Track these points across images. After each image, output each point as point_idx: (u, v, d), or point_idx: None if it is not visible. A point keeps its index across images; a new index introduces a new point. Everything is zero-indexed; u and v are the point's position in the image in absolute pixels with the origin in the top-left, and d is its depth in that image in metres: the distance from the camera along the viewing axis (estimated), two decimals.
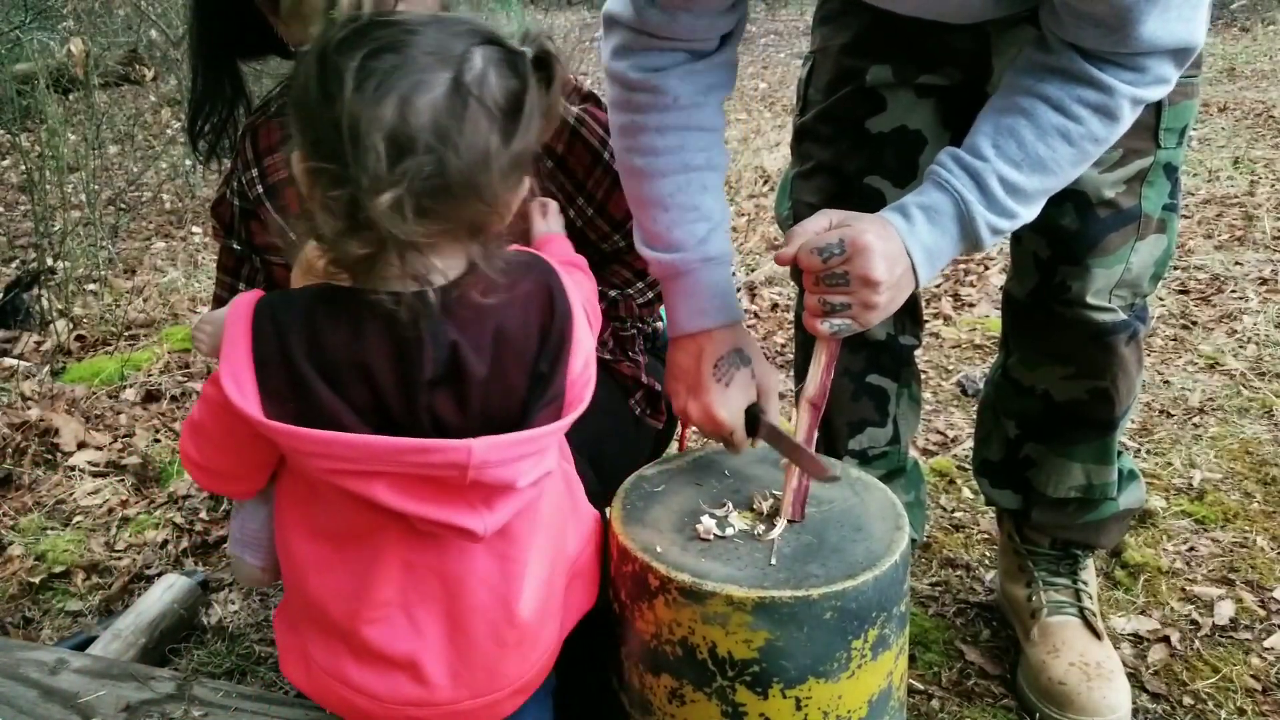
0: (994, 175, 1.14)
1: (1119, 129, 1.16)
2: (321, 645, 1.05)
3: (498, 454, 0.93)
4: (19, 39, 4.11)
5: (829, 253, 1.12)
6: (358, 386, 0.92)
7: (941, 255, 1.17)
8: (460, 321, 0.94)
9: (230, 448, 1.01)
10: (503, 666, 1.07)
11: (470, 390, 0.95)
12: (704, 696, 1.10)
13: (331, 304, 0.93)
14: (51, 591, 1.93)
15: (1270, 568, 1.82)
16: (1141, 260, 1.40)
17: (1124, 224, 1.36)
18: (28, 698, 1.13)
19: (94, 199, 3.77)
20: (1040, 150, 1.14)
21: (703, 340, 1.28)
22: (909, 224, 1.15)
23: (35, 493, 2.25)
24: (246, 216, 1.42)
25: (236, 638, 1.76)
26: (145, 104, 5.77)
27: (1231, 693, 1.54)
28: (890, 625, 1.12)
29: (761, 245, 3.70)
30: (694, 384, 1.28)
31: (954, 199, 1.15)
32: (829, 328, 1.16)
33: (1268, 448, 2.21)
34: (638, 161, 1.29)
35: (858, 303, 1.14)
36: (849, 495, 1.24)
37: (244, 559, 1.15)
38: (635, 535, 1.15)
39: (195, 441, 1.03)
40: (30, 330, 3.06)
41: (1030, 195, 1.17)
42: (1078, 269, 1.38)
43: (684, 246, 1.27)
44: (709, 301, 1.29)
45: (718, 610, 1.06)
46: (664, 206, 1.28)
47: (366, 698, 1.04)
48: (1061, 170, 1.17)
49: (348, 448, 0.90)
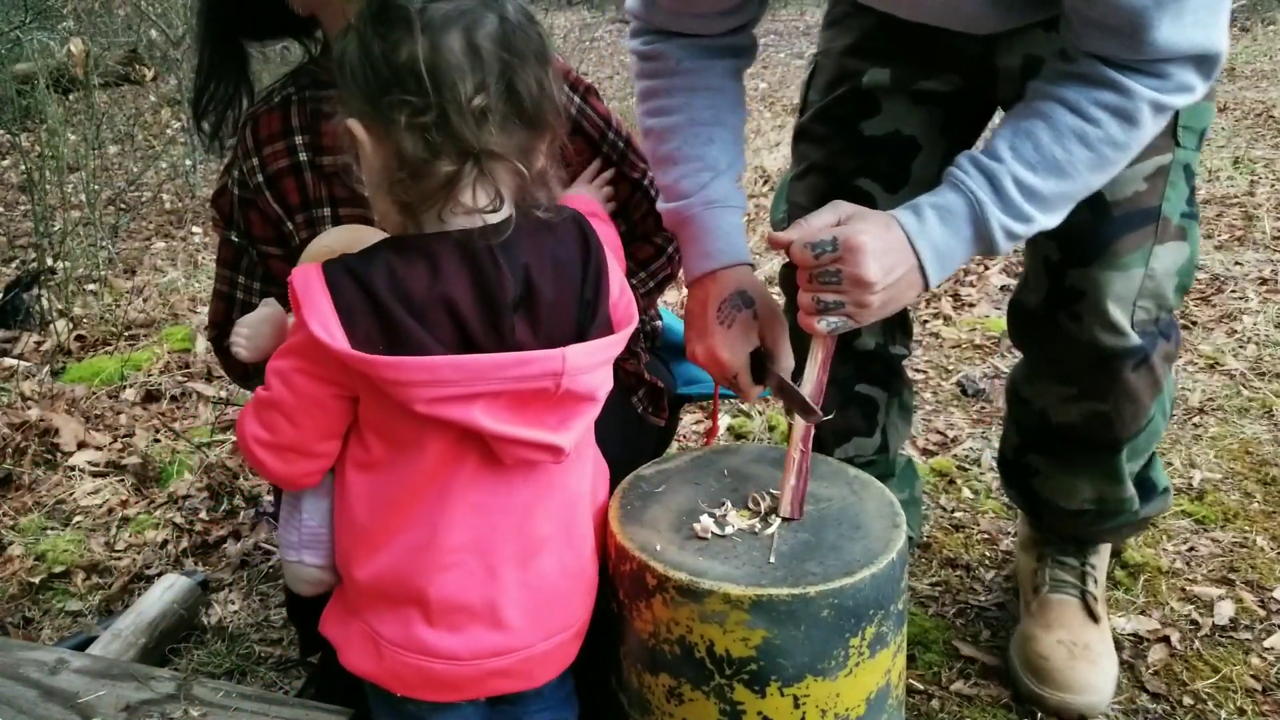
0: (1009, 177, 1.14)
1: (1139, 135, 1.15)
2: (391, 618, 1.07)
3: (586, 359, 1.02)
4: (19, 39, 4.12)
5: (821, 249, 1.12)
6: (442, 322, 0.99)
7: (954, 256, 1.17)
8: (526, 248, 1.03)
9: (310, 412, 1.03)
10: (570, 601, 1.13)
11: (541, 311, 1.03)
12: (702, 695, 1.10)
13: (404, 250, 1.00)
14: (51, 591, 1.93)
15: (1270, 568, 1.82)
16: (1164, 267, 1.33)
17: (1141, 224, 1.31)
18: (27, 697, 1.13)
19: (94, 199, 3.77)
20: (1056, 152, 1.14)
21: (708, 283, 1.32)
22: (920, 223, 1.15)
23: (35, 493, 2.25)
24: (245, 206, 1.42)
25: (236, 638, 1.77)
26: (145, 104, 5.77)
27: (1231, 693, 1.54)
28: (888, 623, 1.12)
29: (761, 245, 3.70)
30: (700, 327, 1.31)
31: (968, 199, 1.15)
32: (825, 325, 1.16)
33: (1268, 448, 2.21)
34: (651, 122, 1.38)
35: (851, 301, 1.14)
36: (847, 494, 1.24)
37: (304, 562, 1.13)
38: (633, 534, 1.15)
39: (264, 419, 1.04)
40: (30, 330, 3.07)
41: (1047, 199, 1.16)
42: (1089, 273, 1.32)
43: (688, 194, 1.33)
44: (712, 244, 1.33)
45: (715, 608, 1.06)
46: (673, 160, 1.35)
47: (444, 660, 1.06)
48: (1078, 174, 1.15)
49: (452, 369, 0.96)
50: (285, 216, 1.40)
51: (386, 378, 0.96)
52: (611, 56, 8.64)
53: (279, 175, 1.38)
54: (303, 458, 1.06)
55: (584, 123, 1.47)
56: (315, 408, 1.03)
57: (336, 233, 1.21)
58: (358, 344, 0.96)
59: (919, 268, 1.15)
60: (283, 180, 1.38)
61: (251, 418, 1.06)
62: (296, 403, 1.03)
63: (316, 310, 0.97)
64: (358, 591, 1.09)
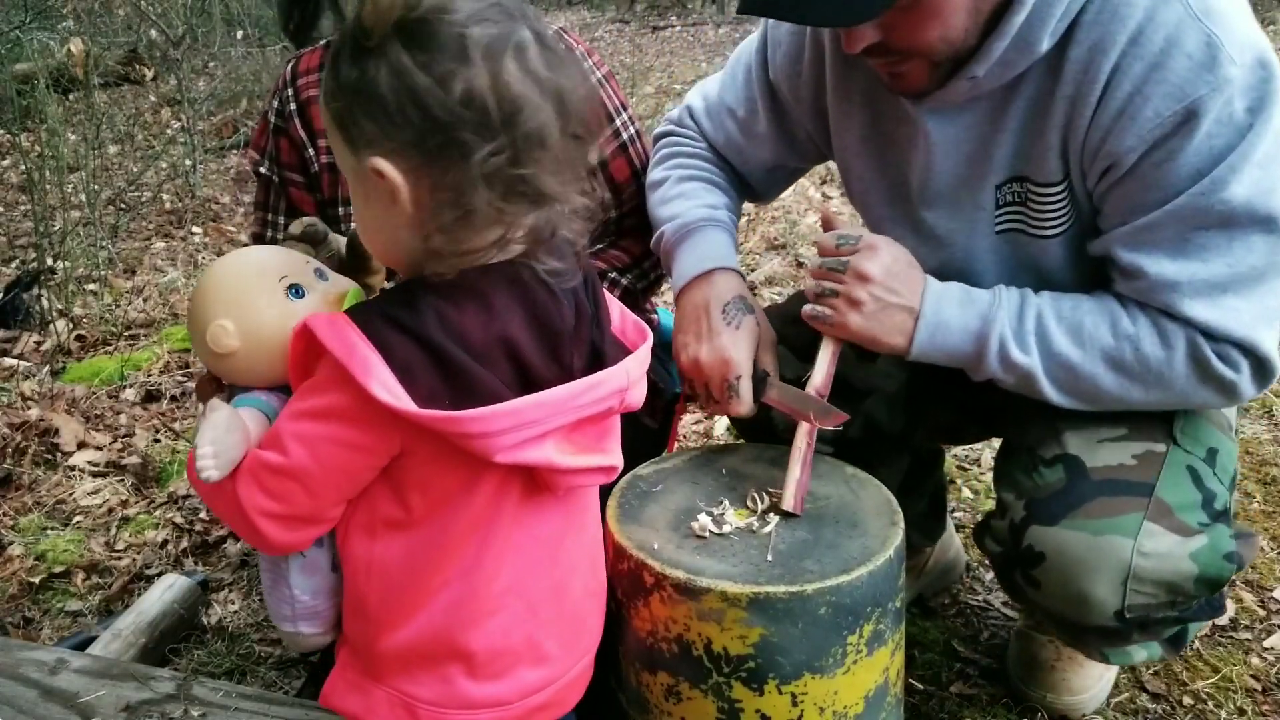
0: (1035, 308, 1.19)
1: (1166, 362, 1.14)
2: (428, 679, 0.99)
3: (638, 370, 1.00)
4: (19, 39, 4.12)
5: (845, 241, 1.22)
6: (501, 362, 0.91)
7: (949, 335, 1.19)
8: (568, 273, 0.96)
9: (335, 481, 0.93)
10: (592, 620, 1.11)
11: (584, 330, 0.98)
12: (700, 693, 1.10)
13: (449, 294, 0.90)
14: (51, 591, 1.93)
15: (1270, 568, 1.82)
16: (1163, 549, 1.15)
17: (1124, 493, 1.18)
18: (27, 697, 1.13)
19: (94, 199, 3.78)
20: (1085, 321, 1.17)
21: (706, 286, 1.33)
22: (942, 288, 1.21)
23: (35, 493, 2.25)
24: (278, 133, 1.58)
25: (236, 637, 1.77)
26: (145, 104, 5.78)
27: (1231, 692, 1.54)
28: (886, 621, 1.12)
29: (761, 245, 3.70)
30: (704, 329, 1.30)
31: (992, 298, 1.20)
32: (810, 310, 1.22)
33: (1267, 448, 2.21)
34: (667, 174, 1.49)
35: (844, 295, 1.20)
36: (844, 491, 1.24)
37: (300, 633, 1.07)
38: (631, 533, 1.16)
39: (274, 488, 0.93)
40: (30, 330, 3.07)
41: (1053, 353, 1.17)
42: (1052, 533, 1.18)
43: (694, 214, 1.41)
44: (714, 249, 1.37)
45: (713, 606, 1.06)
46: (683, 196, 1.44)
47: (490, 709, 1.00)
48: (1092, 353, 1.16)
49: (537, 409, 0.89)
50: (309, 142, 1.54)
51: (470, 432, 0.87)
52: (611, 57, 8.64)
53: (309, 102, 1.55)
54: (313, 526, 0.96)
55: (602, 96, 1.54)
56: (341, 475, 0.93)
57: (268, 251, 1.07)
58: (423, 402, 0.86)
59: (915, 317, 1.19)
60: (312, 106, 1.54)
61: (254, 488, 0.93)
62: (321, 472, 0.91)
63: (373, 373, 0.85)
64: (384, 660, 1.00)
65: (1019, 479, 1.26)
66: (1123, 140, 1.09)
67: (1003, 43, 1.09)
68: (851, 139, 1.35)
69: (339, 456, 0.91)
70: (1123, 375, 1.17)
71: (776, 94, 1.43)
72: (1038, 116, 1.16)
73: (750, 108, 1.46)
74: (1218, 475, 1.24)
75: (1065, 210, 1.20)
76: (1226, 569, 1.18)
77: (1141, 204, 1.12)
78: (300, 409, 0.92)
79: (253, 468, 0.93)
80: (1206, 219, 1.09)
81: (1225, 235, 1.10)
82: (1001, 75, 1.13)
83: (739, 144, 1.49)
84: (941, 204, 1.27)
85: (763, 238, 3.78)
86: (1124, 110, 1.08)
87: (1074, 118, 1.13)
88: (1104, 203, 1.16)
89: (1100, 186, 1.15)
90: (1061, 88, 1.12)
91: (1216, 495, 1.21)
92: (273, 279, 0.99)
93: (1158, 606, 1.19)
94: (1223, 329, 1.12)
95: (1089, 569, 1.16)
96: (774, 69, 1.41)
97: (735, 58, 1.50)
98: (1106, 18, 1.09)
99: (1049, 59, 1.12)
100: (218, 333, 0.96)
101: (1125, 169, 1.11)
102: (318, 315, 0.90)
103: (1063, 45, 1.11)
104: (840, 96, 1.34)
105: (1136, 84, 1.07)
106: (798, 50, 1.37)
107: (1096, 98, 1.10)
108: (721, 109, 1.50)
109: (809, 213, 4.00)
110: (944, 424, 1.54)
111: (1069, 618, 1.23)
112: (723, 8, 11.35)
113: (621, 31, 10.72)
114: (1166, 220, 1.10)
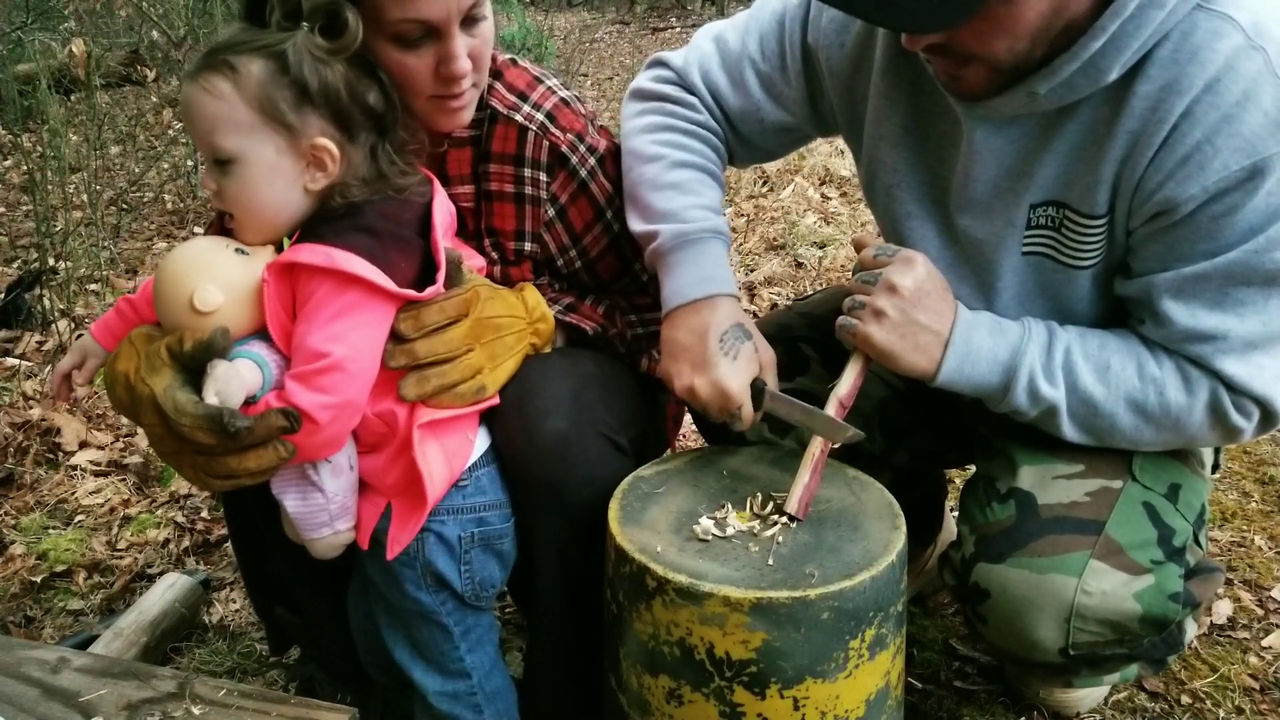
0: (1063, 343, 1.19)
1: (1187, 413, 1.16)
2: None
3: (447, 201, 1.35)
4: (21, 39, 4.12)
5: (882, 253, 1.22)
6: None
7: (977, 362, 1.19)
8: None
9: (371, 357, 1.14)
10: None
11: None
12: (702, 697, 1.10)
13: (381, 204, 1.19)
14: (53, 590, 1.93)
15: (1268, 567, 1.83)
16: (1107, 587, 1.17)
17: (1072, 531, 1.20)
18: (29, 696, 1.13)
19: (96, 199, 3.78)
20: (1112, 360, 1.17)
21: (705, 311, 1.28)
22: (974, 316, 1.21)
23: (37, 492, 2.25)
24: None
25: (238, 636, 1.77)
26: (147, 104, 5.77)
27: (1230, 691, 1.55)
28: (887, 625, 1.12)
29: (761, 245, 3.70)
30: (700, 359, 1.25)
31: (1023, 330, 1.20)
32: (840, 321, 1.23)
33: (1265, 447, 2.22)
34: (658, 149, 1.39)
35: (871, 305, 1.19)
36: (846, 495, 1.24)
37: (337, 530, 1.22)
38: (633, 536, 1.16)
39: (323, 384, 1.10)
40: (32, 330, 3.07)
41: (1079, 389, 1.18)
42: (996, 570, 1.20)
43: (693, 219, 1.34)
44: (714, 270, 1.32)
45: (715, 611, 1.06)
46: (681, 190, 1.36)
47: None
48: (1114, 397, 1.17)
49: None
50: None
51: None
52: (611, 58, 8.65)
53: None
54: (356, 414, 1.15)
55: (592, 187, 1.40)
56: (372, 352, 1.14)
57: (201, 237, 1.20)
58: (392, 274, 1.13)
59: (944, 343, 1.18)
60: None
61: (305, 391, 1.10)
62: (359, 355, 1.12)
63: (359, 266, 1.11)
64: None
65: (973, 512, 1.29)
66: (1185, 187, 1.07)
67: (1072, 65, 1.07)
68: (891, 127, 1.30)
69: (367, 336, 1.13)
70: (1140, 417, 1.18)
71: (810, 58, 1.38)
72: (1092, 145, 1.13)
73: (779, 64, 1.40)
74: (1180, 510, 1.24)
75: (1100, 245, 1.18)
76: (1171, 609, 1.19)
77: (1189, 253, 1.11)
78: (324, 317, 1.11)
79: (301, 377, 1.10)
80: (1252, 276, 1.09)
81: (1264, 294, 1.10)
82: (1062, 97, 1.11)
83: (756, 99, 1.42)
84: (974, 211, 1.25)
85: (762, 238, 3.78)
86: (1190, 157, 1.06)
87: (1134, 155, 1.10)
88: (1144, 245, 1.15)
89: (1146, 229, 1.13)
90: (1125, 121, 1.10)
91: (1176, 531, 1.22)
92: (223, 247, 1.16)
93: (1105, 645, 1.20)
94: (1246, 384, 1.14)
95: (1032, 607, 1.18)
96: (815, 32, 1.35)
97: (762, 9, 1.42)
98: (1184, 58, 1.06)
99: (1112, 89, 1.10)
100: (204, 294, 1.11)
101: (1180, 216, 1.09)
102: (292, 250, 1.13)
103: (1129, 78, 1.08)
104: (888, 81, 1.29)
105: (1208, 133, 1.05)
106: (846, 19, 1.32)
107: (1161, 139, 1.07)
108: (744, 59, 1.42)
109: (808, 213, 4.00)
110: (925, 450, 1.54)
111: (1015, 654, 1.25)
112: (722, 9, 11.33)
113: (621, 33, 10.72)
114: (1214, 273, 1.10)
